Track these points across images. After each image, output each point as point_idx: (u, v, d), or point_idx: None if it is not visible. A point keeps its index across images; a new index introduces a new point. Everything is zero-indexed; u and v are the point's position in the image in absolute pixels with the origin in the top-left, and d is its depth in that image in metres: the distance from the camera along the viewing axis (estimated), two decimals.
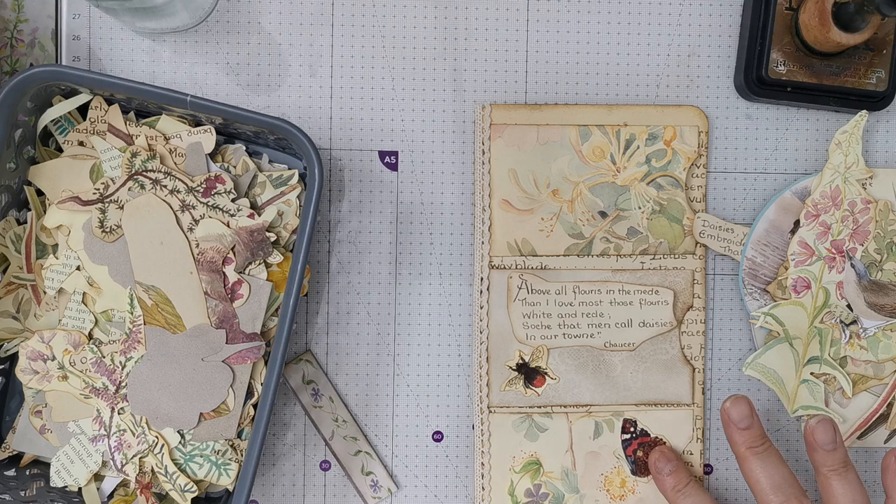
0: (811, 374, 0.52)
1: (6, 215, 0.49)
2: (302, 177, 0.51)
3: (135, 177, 0.48)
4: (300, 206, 0.50)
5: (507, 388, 0.52)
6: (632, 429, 0.53)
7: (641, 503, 0.53)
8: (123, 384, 0.48)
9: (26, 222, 0.50)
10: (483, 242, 0.52)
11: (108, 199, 0.48)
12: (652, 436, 0.53)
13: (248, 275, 0.48)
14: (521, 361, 0.51)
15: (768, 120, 0.54)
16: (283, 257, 0.49)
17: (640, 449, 0.53)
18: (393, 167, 0.53)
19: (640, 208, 0.53)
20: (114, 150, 0.48)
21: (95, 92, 0.48)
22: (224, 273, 0.48)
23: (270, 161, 0.51)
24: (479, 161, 0.52)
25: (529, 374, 0.52)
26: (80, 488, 0.49)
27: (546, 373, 0.51)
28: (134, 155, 0.48)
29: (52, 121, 0.49)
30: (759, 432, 0.48)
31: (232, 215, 0.48)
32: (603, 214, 0.52)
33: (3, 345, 0.50)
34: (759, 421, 0.49)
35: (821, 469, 0.47)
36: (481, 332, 0.52)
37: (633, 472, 0.53)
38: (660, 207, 0.53)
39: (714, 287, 0.54)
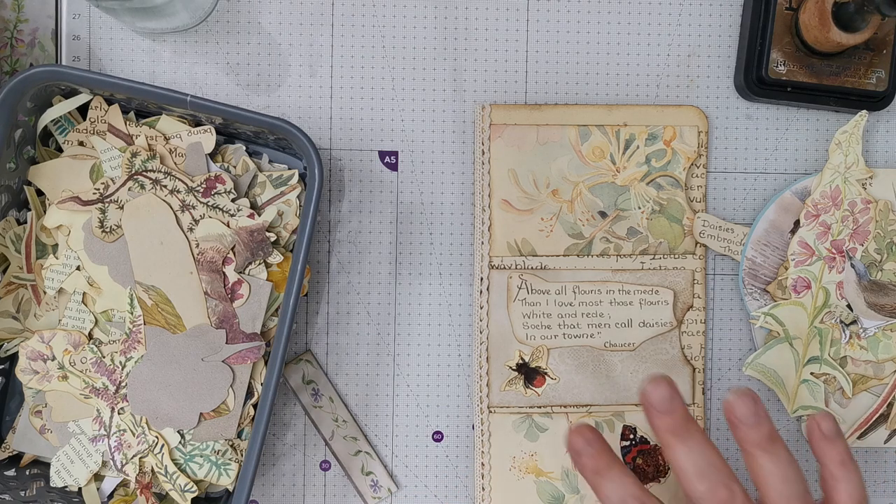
0: (811, 374, 0.52)
1: (6, 215, 0.49)
2: (302, 177, 0.51)
3: (135, 177, 0.48)
4: (300, 206, 0.50)
5: (507, 388, 0.52)
6: (631, 436, 0.53)
7: None
8: (123, 384, 0.48)
9: (26, 222, 0.50)
10: (483, 242, 0.52)
11: (108, 199, 0.48)
12: (652, 443, 0.53)
13: (248, 275, 0.48)
14: (521, 361, 0.51)
15: (768, 120, 0.54)
16: (283, 257, 0.49)
17: (640, 456, 0.53)
18: (393, 167, 0.53)
19: (639, 208, 0.53)
20: (114, 150, 0.49)
21: (95, 92, 0.48)
22: (224, 273, 0.48)
23: (270, 161, 0.51)
24: (479, 161, 0.52)
25: (529, 374, 0.52)
26: (80, 488, 0.49)
27: (546, 373, 0.51)
28: (134, 155, 0.48)
29: (52, 121, 0.49)
30: (683, 413, 0.43)
31: (232, 215, 0.48)
32: (603, 214, 0.52)
33: (3, 345, 0.50)
34: (682, 403, 0.44)
35: (745, 447, 0.43)
36: (481, 332, 0.52)
37: None
38: (660, 207, 0.53)
39: (714, 287, 0.54)
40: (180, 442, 0.48)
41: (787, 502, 0.42)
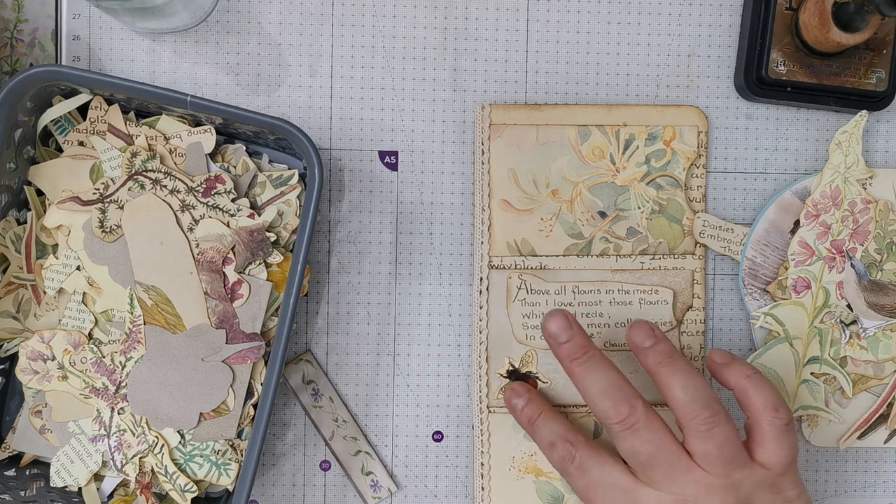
0: (811, 374, 0.52)
1: (6, 215, 0.49)
2: (302, 177, 0.51)
3: (135, 177, 0.48)
4: (300, 206, 0.50)
5: (501, 396, 0.52)
6: None
7: None
8: (123, 384, 0.48)
9: (26, 222, 0.50)
10: (483, 242, 0.52)
11: (108, 199, 0.48)
12: None
13: (248, 275, 0.48)
14: (511, 368, 0.51)
15: (768, 120, 0.54)
16: (283, 257, 0.49)
17: None
18: (393, 167, 0.53)
19: (639, 208, 0.53)
20: (114, 150, 0.49)
21: (95, 92, 0.49)
22: (224, 273, 0.48)
23: (270, 161, 0.51)
24: (479, 161, 0.52)
25: (520, 379, 0.52)
26: (80, 488, 0.49)
27: (537, 377, 0.51)
28: (134, 155, 0.48)
29: (52, 121, 0.49)
30: (581, 342, 0.47)
31: (232, 215, 0.48)
32: (602, 214, 0.52)
33: (3, 345, 0.50)
34: (580, 331, 0.47)
35: (649, 368, 0.46)
36: (481, 332, 0.52)
37: None
38: (659, 207, 0.53)
39: (714, 287, 0.54)
40: (180, 442, 0.48)
41: (688, 404, 0.44)
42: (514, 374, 0.52)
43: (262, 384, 0.48)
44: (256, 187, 0.50)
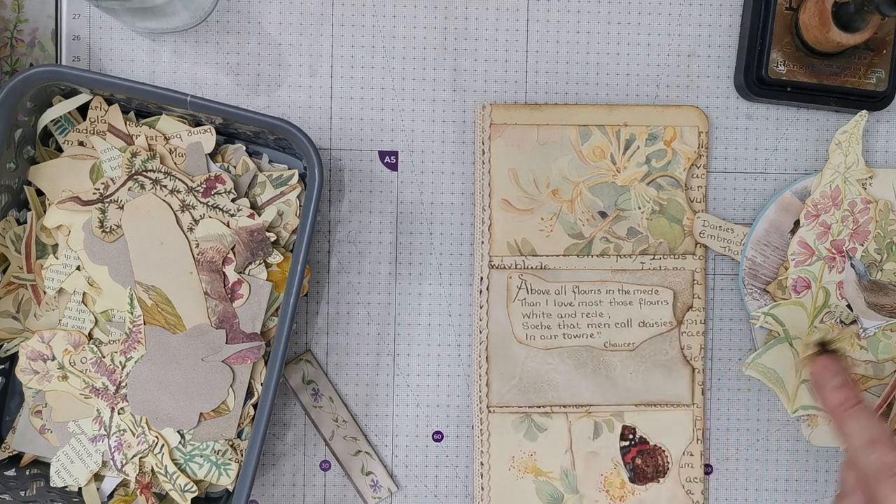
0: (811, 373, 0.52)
1: (6, 215, 0.49)
2: (302, 177, 0.51)
3: (135, 177, 0.48)
4: (300, 206, 0.50)
5: (806, 368, 0.49)
6: (631, 436, 0.53)
7: None
8: (123, 384, 0.48)
9: (26, 222, 0.50)
10: (483, 242, 0.52)
11: (108, 199, 0.48)
12: (651, 443, 0.53)
13: (248, 275, 0.48)
14: (823, 340, 0.49)
15: (768, 120, 0.54)
16: (283, 257, 0.49)
17: (639, 456, 0.53)
18: (393, 167, 0.53)
19: (640, 208, 0.53)
20: (114, 150, 0.49)
21: (95, 92, 0.48)
22: (224, 273, 0.48)
23: (270, 161, 0.51)
24: (479, 161, 0.52)
25: (828, 354, 0.49)
26: (80, 488, 0.49)
27: (846, 354, 0.49)
28: (134, 155, 0.48)
29: (52, 121, 0.49)
30: (853, 392, 0.46)
31: (232, 215, 0.48)
32: (603, 214, 0.52)
33: (3, 345, 0.50)
34: (850, 379, 0.46)
35: (829, 410, 0.46)
36: (481, 332, 0.52)
37: (632, 480, 0.53)
38: (660, 207, 0.53)
39: (714, 287, 0.54)
40: (180, 442, 0.48)
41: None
42: (822, 348, 0.49)
43: (262, 384, 0.48)
44: (256, 187, 0.50)
